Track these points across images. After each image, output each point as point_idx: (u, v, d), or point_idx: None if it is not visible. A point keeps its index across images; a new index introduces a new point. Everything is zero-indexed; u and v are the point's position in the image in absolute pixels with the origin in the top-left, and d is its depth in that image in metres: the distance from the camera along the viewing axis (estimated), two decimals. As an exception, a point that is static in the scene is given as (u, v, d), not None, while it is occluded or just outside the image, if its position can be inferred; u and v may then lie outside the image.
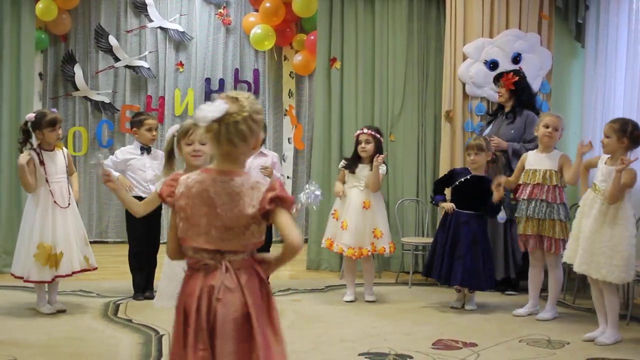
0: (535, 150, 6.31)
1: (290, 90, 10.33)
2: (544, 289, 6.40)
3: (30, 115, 6.02)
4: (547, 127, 6.15)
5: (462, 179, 6.44)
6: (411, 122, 8.12)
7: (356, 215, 6.49)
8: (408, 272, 7.56)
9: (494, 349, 5.23)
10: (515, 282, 7.16)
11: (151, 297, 6.59)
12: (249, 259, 2.85)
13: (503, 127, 7.13)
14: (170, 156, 4.34)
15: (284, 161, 10.23)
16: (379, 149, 6.57)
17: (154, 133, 6.73)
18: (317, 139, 8.24)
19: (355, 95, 8.19)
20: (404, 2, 8.14)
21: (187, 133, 4.17)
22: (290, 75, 10.31)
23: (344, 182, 6.68)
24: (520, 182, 6.28)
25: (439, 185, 6.70)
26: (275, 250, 2.96)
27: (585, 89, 7.98)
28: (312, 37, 9.25)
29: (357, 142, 6.60)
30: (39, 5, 8.90)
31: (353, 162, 6.64)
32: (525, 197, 6.16)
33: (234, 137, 2.72)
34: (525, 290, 6.56)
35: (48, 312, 6.01)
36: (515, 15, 7.91)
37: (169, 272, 4.27)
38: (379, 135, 6.63)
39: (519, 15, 7.93)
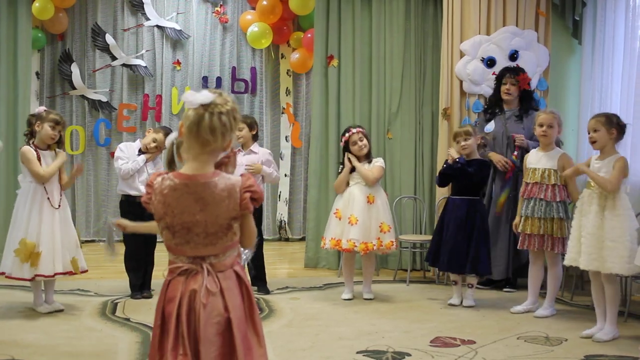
0: (536, 149, 6.32)
1: (287, 88, 10.33)
2: (543, 285, 6.40)
3: (40, 108, 6.07)
4: (542, 125, 6.17)
5: (456, 166, 6.43)
6: (408, 119, 8.13)
7: (362, 210, 6.51)
8: (406, 270, 7.57)
9: (492, 346, 5.23)
10: (513, 280, 7.17)
11: (149, 296, 6.61)
12: (230, 258, 2.86)
13: (511, 125, 7.10)
14: (170, 164, 4.31)
15: (282, 159, 10.22)
16: (370, 144, 6.73)
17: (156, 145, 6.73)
18: (315, 136, 8.25)
19: (352, 93, 8.19)
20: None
21: None
22: (287, 73, 10.30)
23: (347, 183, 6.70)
24: (524, 180, 6.29)
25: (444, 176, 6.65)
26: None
27: (583, 86, 7.98)
28: (309, 35, 9.25)
29: (351, 143, 6.60)
30: (36, 4, 8.88)
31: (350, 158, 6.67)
32: (525, 196, 6.18)
33: (216, 126, 2.74)
34: (523, 287, 6.57)
35: (45, 312, 6.00)
36: (512, 12, 7.91)
37: None
38: (365, 130, 6.77)
39: (516, 12, 7.93)
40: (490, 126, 7.19)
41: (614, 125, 5.41)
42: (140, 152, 6.71)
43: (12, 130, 7.88)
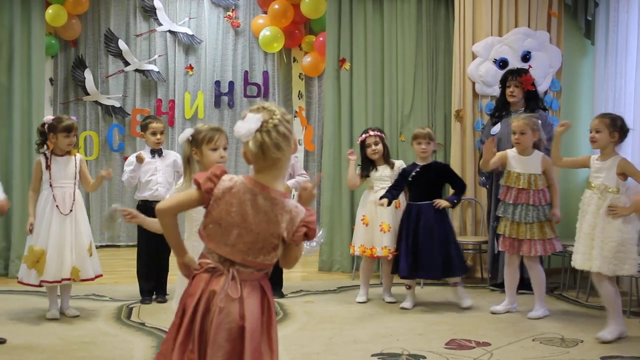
0: (514, 152, 6.24)
1: (299, 91, 10.34)
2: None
3: (48, 118, 6.06)
4: (514, 133, 6.16)
5: (414, 172, 6.44)
6: (421, 121, 8.10)
7: (392, 217, 6.56)
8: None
9: (507, 348, 5.22)
10: (527, 282, 7.13)
11: (163, 301, 6.62)
12: (259, 274, 2.86)
13: None
14: (189, 161, 4.30)
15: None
16: (386, 148, 6.71)
17: (158, 137, 6.65)
18: (327, 139, 8.25)
19: (364, 95, 8.19)
20: (413, 2, 8.13)
21: (213, 139, 4.12)
22: (299, 76, 10.31)
23: (372, 188, 6.70)
24: (503, 183, 6.24)
25: (396, 188, 6.52)
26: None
27: (596, 86, 7.95)
28: (321, 39, 9.25)
29: (366, 146, 6.63)
30: (49, 11, 8.93)
31: (367, 167, 6.70)
32: (510, 202, 6.14)
33: (279, 141, 2.76)
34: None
35: (50, 317, 6.00)
36: (525, 13, 7.90)
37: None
38: (384, 135, 6.77)
39: (528, 13, 7.92)
40: (496, 128, 7.17)
41: (617, 129, 5.38)
42: (153, 152, 6.70)
43: (26, 137, 7.90)
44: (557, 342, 5.39)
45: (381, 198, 6.35)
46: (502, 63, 7.69)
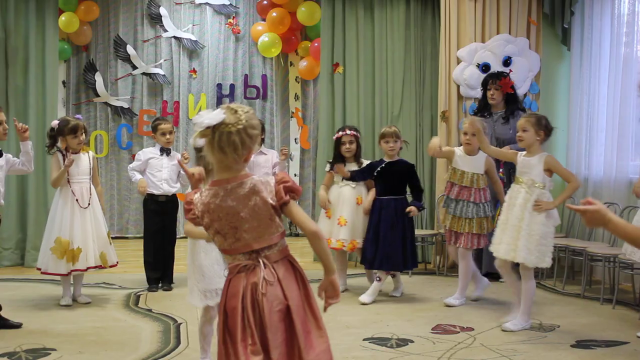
0: (461, 151, 6.21)
1: (296, 93, 10.33)
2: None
3: (54, 123, 6.04)
4: (466, 134, 6.13)
5: (379, 168, 6.33)
6: (409, 122, 8.13)
7: (352, 212, 6.45)
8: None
9: (489, 333, 5.24)
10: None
11: (169, 289, 6.63)
12: (282, 249, 2.87)
13: (499, 128, 7.06)
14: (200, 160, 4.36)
15: (291, 160, 10.23)
16: (359, 148, 6.59)
17: (168, 136, 6.66)
18: (322, 138, 8.25)
19: (357, 97, 8.19)
20: (401, 10, 8.14)
21: None
22: (296, 79, 10.30)
23: (330, 185, 6.65)
24: (448, 179, 6.24)
25: (360, 174, 6.43)
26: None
27: (572, 89, 7.98)
28: (316, 44, 9.25)
29: (340, 143, 6.51)
30: (62, 18, 8.91)
31: (338, 163, 6.50)
32: (453, 197, 6.16)
33: (225, 145, 2.71)
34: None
35: (64, 304, 6.02)
36: (505, 21, 7.91)
37: (206, 270, 4.23)
38: (359, 134, 6.63)
39: (509, 21, 7.93)
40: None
41: (542, 128, 5.31)
42: (162, 151, 6.70)
43: (41, 136, 7.87)
44: (536, 327, 5.40)
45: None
46: (484, 67, 7.70)
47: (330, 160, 6.67)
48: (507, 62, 7.76)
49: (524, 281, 5.38)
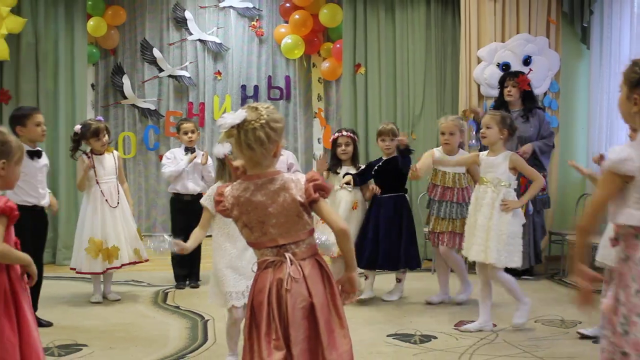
0: (440, 152, 6.02)
1: (319, 94, 10.33)
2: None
3: (77, 127, 6.10)
4: (443, 134, 5.96)
5: (377, 166, 6.11)
6: (431, 121, 8.10)
7: (346, 217, 5.99)
8: (431, 260, 7.53)
9: (511, 329, 5.22)
10: (530, 268, 7.10)
11: (196, 287, 6.66)
12: (309, 247, 2.88)
13: (519, 125, 7.00)
14: (221, 173, 4.40)
15: (315, 159, 10.24)
16: (356, 150, 6.27)
17: (189, 135, 6.68)
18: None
19: (378, 97, 8.19)
20: (422, 11, 8.13)
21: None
22: (318, 80, 10.30)
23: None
24: (430, 181, 6.08)
25: (360, 177, 6.12)
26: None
27: (591, 88, 7.94)
28: (338, 45, 9.25)
29: (337, 145, 6.19)
30: (90, 23, 8.99)
31: (334, 164, 6.23)
32: (436, 198, 5.99)
33: (252, 142, 2.74)
34: (540, 275, 6.51)
35: (95, 301, 6.08)
36: (525, 20, 7.87)
37: (220, 274, 4.28)
38: (356, 137, 6.32)
39: (529, 21, 7.89)
40: None
41: (507, 126, 5.14)
42: (187, 150, 6.73)
43: (70, 137, 7.98)
44: (558, 324, 5.38)
45: (345, 175, 6.06)
46: (505, 67, 7.66)
47: (329, 162, 6.31)
48: (527, 61, 7.72)
49: (494, 283, 5.25)
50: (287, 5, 9.76)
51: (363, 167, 6.28)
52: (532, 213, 6.88)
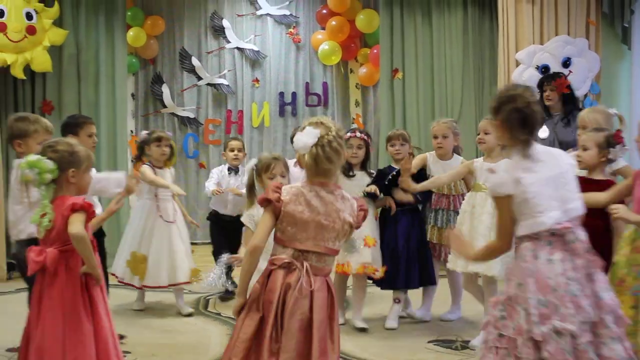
0: (434, 156, 5.59)
1: (356, 100, 10.31)
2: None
3: (143, 133, 6.12)
4: (436, 137, 5.53)
5: (390, 176, 5.38)
6: (470, 126, 8.02)
7: (374, 230, 5.39)
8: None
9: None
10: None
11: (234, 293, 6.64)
12: (326, 267, 2.90)
13: (560, 131, 6.83)
14: (251, 190, 4.22)
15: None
16: (368, 155, 5.47)
17: (236, 153, 6.47)
18: (383, 144, 8.20)
19: (416, 103, 8.16)
20: (459, 14, 8.08)
21: (269, 168, 4.10)
22: (356, 86, 10.28)
23: None
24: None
25: (382, 184, 5.39)
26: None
27: (633, 88, 7.82)
28: (375, 51, 9.22)
29: (348, 147, 4.99)
30: (130, 33, 9.09)
31: (346, 167, 5.29)
32: (434, 207, 5.58)
33: (331, 155, 2.80)
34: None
35: (137, 308, 6.08)
36: (564, 22, 7.77)
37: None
38: (369, 140, 5.50)
39: (567, 22, 7.79)
40: (544, 133, 6.97)
41: None
42: (230, 170, 6.54)
43: (112, 146, 8.07)
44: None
45: (369, 185, 5.29)
46: (544, 69, 7.56)
47: (349, 172, 5.44)
48: (566, 63, 7.60)
49: (487, 295, 4.92)
50: (324, 11, 9.76)
51: (374, 172, 5.56)
52: None
